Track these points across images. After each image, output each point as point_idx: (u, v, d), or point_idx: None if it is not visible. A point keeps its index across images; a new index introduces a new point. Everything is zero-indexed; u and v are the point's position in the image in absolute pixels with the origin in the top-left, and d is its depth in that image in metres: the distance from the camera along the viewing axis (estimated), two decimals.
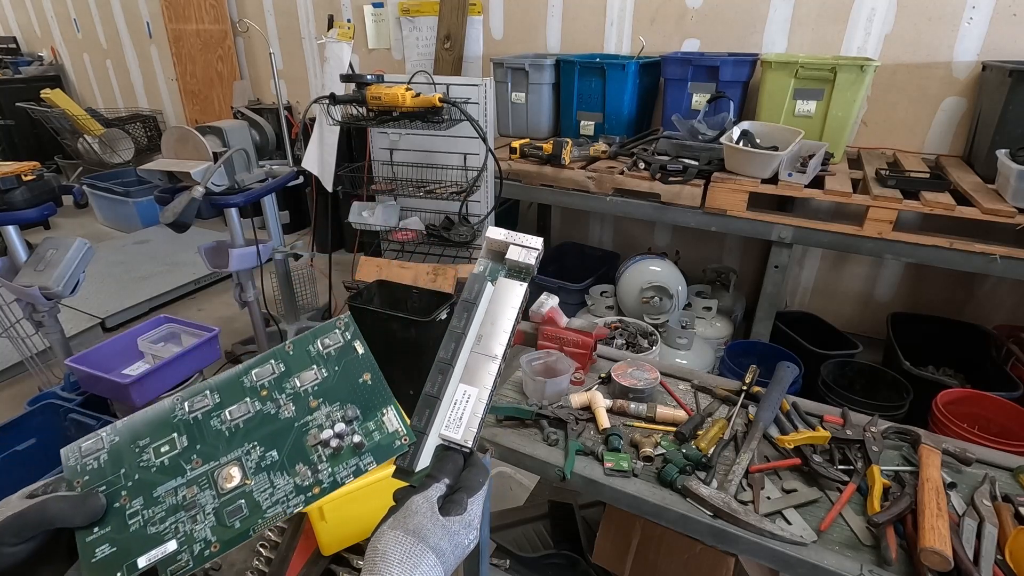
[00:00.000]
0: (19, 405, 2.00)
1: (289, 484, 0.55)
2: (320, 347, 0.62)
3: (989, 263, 1.91)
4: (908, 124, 2.61)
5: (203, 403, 0.58)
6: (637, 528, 1.12)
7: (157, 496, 0.53)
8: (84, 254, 2.11)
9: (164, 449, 0.56)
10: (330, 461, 0.57)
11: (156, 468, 0.55)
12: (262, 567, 0.97)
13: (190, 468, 0.55)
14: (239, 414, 0.58)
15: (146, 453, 0.56)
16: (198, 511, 0.53)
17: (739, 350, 2.43)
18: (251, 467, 0.55)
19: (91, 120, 4.76)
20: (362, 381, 0.61)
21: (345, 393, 0.60)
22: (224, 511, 0.53)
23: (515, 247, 0.65)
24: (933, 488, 0.85)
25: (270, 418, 0.58)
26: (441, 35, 3.47)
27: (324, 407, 0.59)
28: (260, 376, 0.60)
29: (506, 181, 2.62)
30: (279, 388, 0.59)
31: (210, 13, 4.42)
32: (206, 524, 0.53)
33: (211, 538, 0.52)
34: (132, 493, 0.54)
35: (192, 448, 0.56)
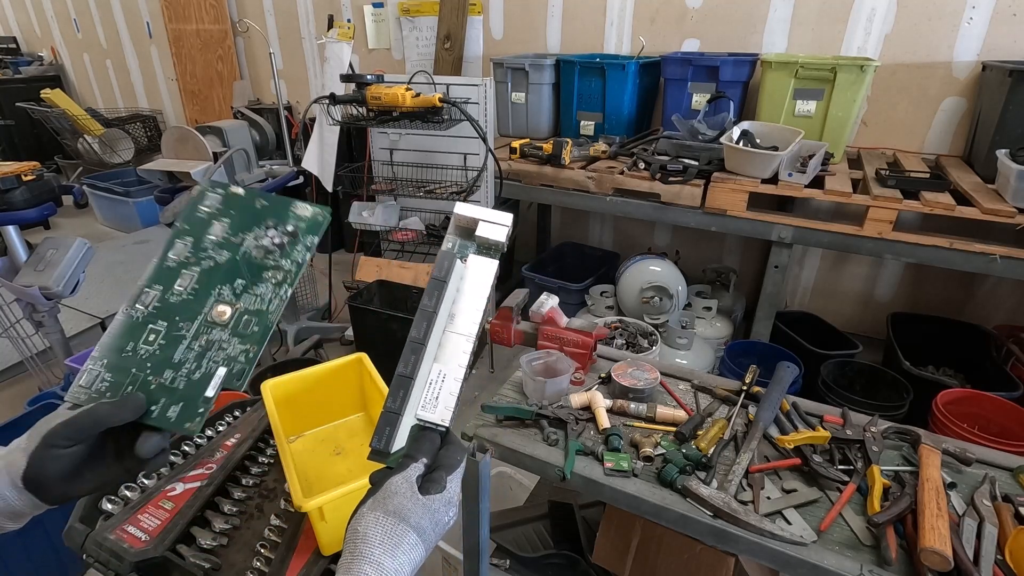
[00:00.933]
0: (19, 405, 2.00)
1: (268, 287, 0.64)
2: (206, 208, 0.67)
3: (989, 263, 1.91)
4: (908, 124, 2.61)
5: (151, 296, 0.63)
6: (637, 528, 1.12)
7: (179, 360, 0.61)
8: (84, 254, 2.11)
9: (151, 338, 0.62)
10: (283, 256, 0.65)
11: (158, 349, 0.61)
12: (262, 567, 0.97)
13: (185, 331, 0.62)
14: (187, 282, 0.64)
15: (140, 349, 0.62)
16: (218, 343, 0.62)
17: (739, 350, 2.43)
18: (232, 298, 0.63)
19: (91, 120, 4.76)
20: (260, 206, 0.67)
21: (255, 218, 0.66)
22: (239, 329, 0.62)
23: (484, 223, 0.66)
24: (933, 488, 0.85)
25: (214, 268, 0.65)
26: (441, 35, 3.47)
27: (247, 235, 0.66)
28: (178, 253, 0.65)
29: (506, 181, 2.62)
30: (201, 249, 0.65)
31: (210, 13, 4.42)
32: (233, 344, 0.62)
33: (244, 347, 0.62)
34: (157, 372, 0.61)
35: (173, 323, 0.62)
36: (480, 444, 1.03)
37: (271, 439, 1.24)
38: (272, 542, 1.02)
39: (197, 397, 0.60)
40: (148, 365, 0.61)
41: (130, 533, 1.00)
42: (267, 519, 1.06)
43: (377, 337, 2.48)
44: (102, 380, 0.60)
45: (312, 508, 0.93)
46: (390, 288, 2.66)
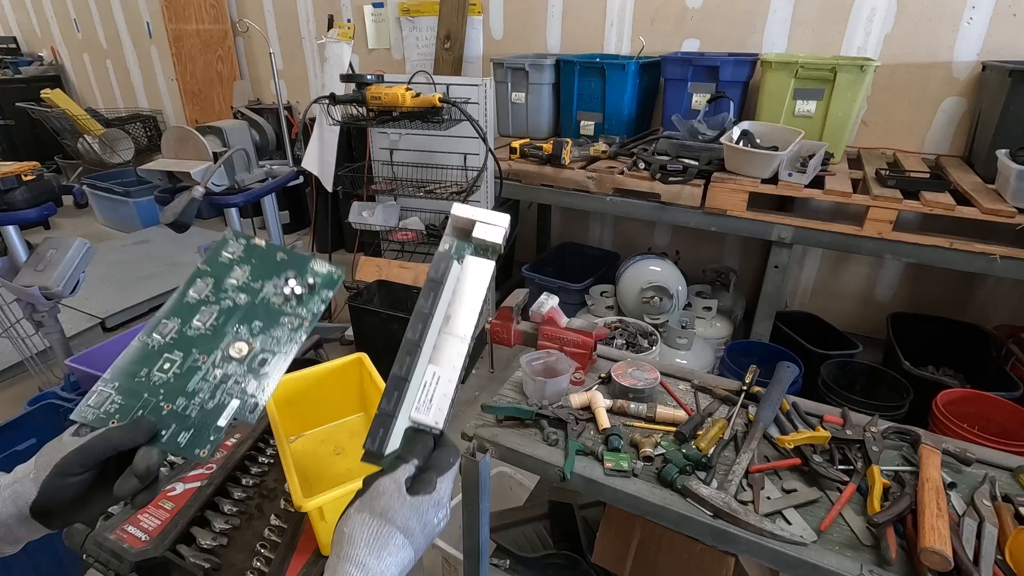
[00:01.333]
0: (19, 405, 2.00)
1: (285, 331, 0.66)
2: (229, 254, 0.70)
3: (989, 263, 1.91)
4: (908, 124, 2.61)
5: (168, 328, 0.64)
6: (637, 528, 1.12)
7: (192, 390, 0.62)
8: (84, 254, 2.11)
9: (167, 367, 0.63)
10: (300, 306, 0.68)
11: (172, 378, 0.62)
12: (262, 567, 0.97)
13: (201, 363, 0.63)
14: (206, 319, 0.65)
15: (153, 376, 0.62)
16: (235, 377, 0.63)
17: (739, 350, 2.43)
18: (249, 336, 0.65)
19: (91, 120, 4.76)
20: (280, 259, 0.70)
21: (275, 269, 0.69)
22: (255, 366, 0.63)
23: (481, 224, 0.66)
24: (933, 488, 0.85)
25: (234, 308, 0.67)
26: (441, 35, 3.47)
27: (266, 283, 0.69)
28: (199, 292, 0.67)
29: (506, 181, 2.62)
30: (220, 290, 0.68)
31: (210, 13, 4.42)
32: (249, 379, 0.63)
33: (259, 383, 0.63)
34: (169, 398, 0.61)
35: (189, 354, 0.64)
36: (480, 444, 1.03)
37: (271, 439, 1.24)
38: (272, 542, 1.02)
39: (209, 425, 0.60)
40: (161, 392, 0.61)
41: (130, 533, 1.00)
42: (267, 519, 1.06)
43: (377, 337, 2.48)
44: (112, 402, 0.61)
45: (312, 508, 0.93)
46: (390, 288, 2.66)
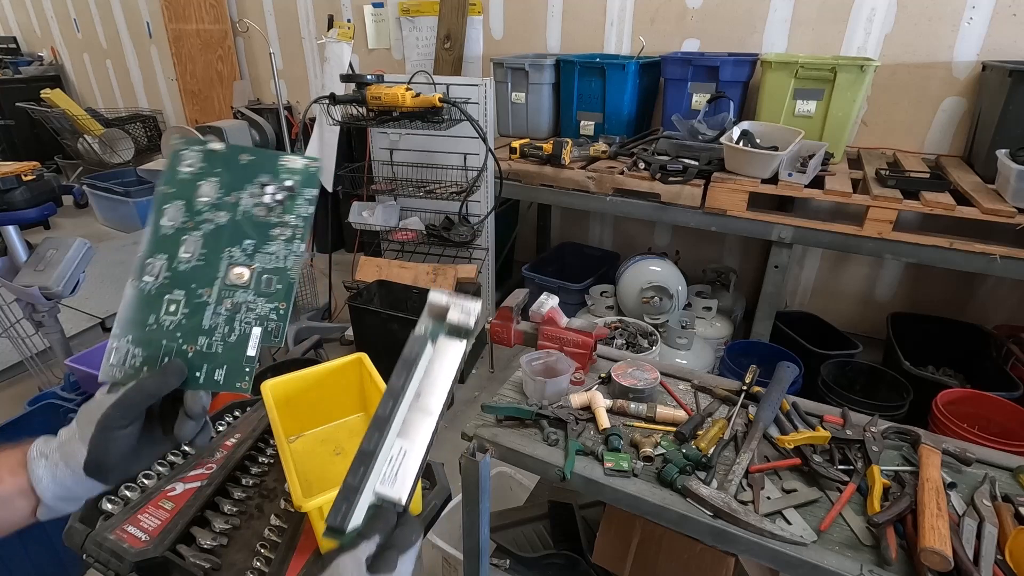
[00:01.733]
0: (19, 405, 2.00)
1: (279, 243, 0.64)
2: (188, 168, 0.65)
3: (989, 263, 1.91)
4: (908, 124, 2.61)
5: (156, 266, 0.62)
6: (637, 528, 1.12)
7: (209, 326, 0.61)
8: (84, 254, 2.11)
9: (172, 308, 0.61)
10: (286, 211, 0.64)
11: (183, 318, 0.61)
12: (262, 567, 0.97)
13: (207, 297, 0.62)
14: (192, 248, 0.63)
15: (164, 320, 0.61)
16: (245, 304, 0.61)
17: (739, 350, 2.43)
18: (245, 259, 0.63)
19: (91, 120, 4.76)
20: (246, 161, 0.65)
21: (245, 176, 0.65)
22: (262, 288, 0.62)
23: (455, 309, 0.67)
24: (933, 488, 0.85)
25: (217, 230, 0.63)
26: (441, 35, 3.47)
27: (242, 194, 0.64)
28: (171, 218, 0.63)
29: (506, 181, 2.62)
30: (195, 213, 0.64)
31: (210, 13, 4.42)
32: (260, 303, 0.62)
33: (272, 305, 0.62)
34: (190, 339, 0.60)
35: (190, 290, 0.62)
36: (480, 444, 1.03)
37: (271, 439, 1.24)
38: (272, 542, 1.02)
39: (240, 358, 0.60)
40: (178, 335, 0.60)
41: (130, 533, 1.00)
42: (267, 519, 1.06)
43: (377, 337, 2.48)
44: (132, 356, 0.60)
45: (312, 508, 0.93)
46: (390, 288, 2.66)
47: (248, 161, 0.65)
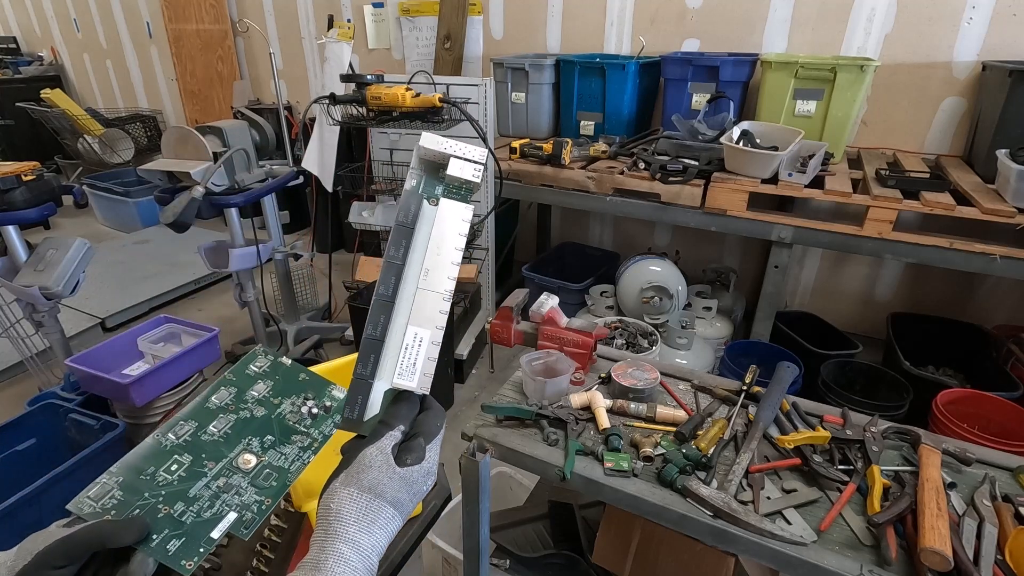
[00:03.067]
0: (19, 405, 2.00)
1: (294, 449, 0.67)
2: (255, 368, 0.73)
3: (989, 263, 1.91)
4: (908, 124, 2.61)
5: (184, 429, 0.65)
6: (637, 528, 1.12)
7: (193, 496, 0.60)
8: (84, 254, 2.11)
9: (173, 468, 0.62)
10: (314, 426, 0.69)
11: (177, 480, 0.61)
12: (262, 567, 0.97)
13: (207, 470, 0.63)
14: (222, 426, 0.66)
15: (159, 476, 0.61)
16: (236, 489, 0.62)
17: (739, 350, 2.43)
18: (259, 450, 0.65)
19: (91, 120, 4.76)
20: (301, 379, 0.73)
21: (295, 388, 0.72)
22: (258, 480, 0.63)
23: (456, 160, 0.57)
24: (933, 488, 0.85)
25: (249, 420, 0.68)
26: (441, 35, 3.47)
27: (285, 401, 0.70)
28: (220, 399, 0.69)
29: (506, 181, 2.62)
30: (241, 401, 0.69)
31: (210, 13, 4.42)
32: (250, 492, 0.62)
33: (259, 498, 0.62)
34: (169, 502, 0.59)
35: (199, 459, 0.63)
36: (480, 444, 1.03)
37: None
38: (272, 542, 1.02)
39: (201, 536, 0.58)
40: (162, 494, 0.60)
41: None
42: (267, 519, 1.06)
43: None
44: (112, 497, 0.58)
45: (312, 508, 0.93)
46: None
47: (303, 380, 0.73)
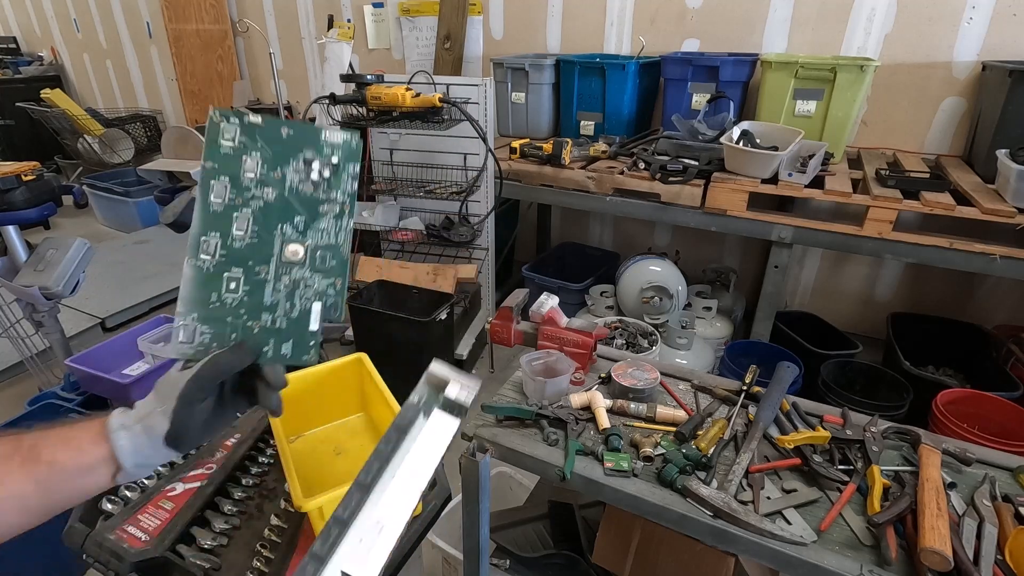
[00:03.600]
0: (19, 405, 2.00)
1: (330, 221, 0.64)
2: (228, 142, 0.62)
3: (989, 263, 1.91)
4: (908, 124, 2.61)
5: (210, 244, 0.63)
6: (637, 528, 1.12)
7: (271, 303, 0.62)
8: (84, 254, 2.11)
9: (232, 286, 0.63)
10: (332, 188, 0.64)
11: (245, 295, 0.62)
12: (262, 567, 0.97)
13: (264, 275, 0.63)
14: (243, 226, 0.63)
15: (226, 298, 0.62)
16: (303, 281, 0.63)
17: (739, 350, 2.43)
18: (298, 236, 0.63)
19: (91, 120, 4.76)
20: (286, 135, 0.64)
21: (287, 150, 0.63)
22: (317, 265, 0.63)
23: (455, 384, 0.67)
24: (933, 488, 0.85)
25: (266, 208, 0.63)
26: (441, 35, 3.47)
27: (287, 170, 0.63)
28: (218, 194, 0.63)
29: (506, 181, 2.62)
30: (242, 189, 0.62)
31: (210, 13, 4.42)
32: (317, 279, 0.63)
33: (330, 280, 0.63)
34: (254, 316, 0.62)
35: (249, 268, 0.63)
36: (480, 444, 1.03)
37: (271, 439, 1.24)
38: (272, 542, 1.02)
39: (304, 332, 0.62)
40: (242, 311, 0.62)
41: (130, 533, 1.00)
42: (267, 519, 1.06)
43: (377, 337, 2.48)
44: (201, 333, 0.62)
45: (312, 508, 0.93)
46: (390, 288, 2.65)
47: (288, 136, 0.64)
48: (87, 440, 0.60)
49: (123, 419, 0.60)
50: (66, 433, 0.61)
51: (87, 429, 0.61)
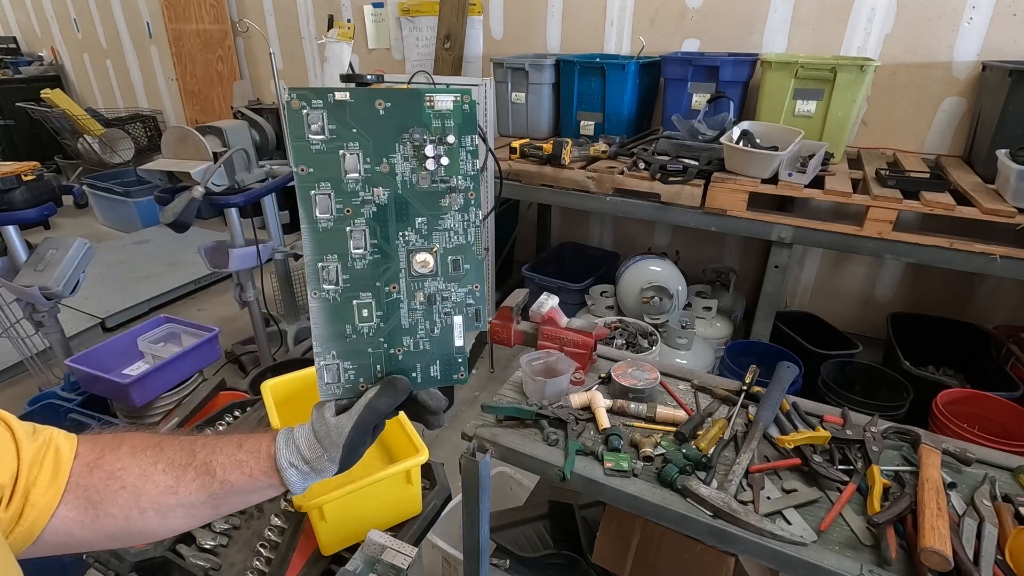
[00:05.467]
0: (19, 405, 2.00)
1: (454, 216, 0.57)
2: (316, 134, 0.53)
3: (989, 263, 1.91)
4: (908, 124, 2.61)
5: (331, 271, 0.57)
6: (637, 528, 1.11)
7: (409, 325, 0.58)
8: (84, 254, 2.11)
9: (364, 314, 0.58)
10: (450, 172, 0.56)
11: (379, 319, 0.58)
12: (262, 567, 0.97)
13: (396, 295, 0.58)
14: (359, 240, 0.56)
15: (360, 328, 0.58)
16: (438, 294, 0.58)
17: (739, 350, 2.43)
18: (422, 242, 0.57)
19: (91, 120, 4.76)
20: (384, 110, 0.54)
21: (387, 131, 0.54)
22: (449, 273, 0.58)
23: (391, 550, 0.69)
24: (933, 488, 0.85)
25: (380, 212, 0.56)
26: (441, 35, 3.47)
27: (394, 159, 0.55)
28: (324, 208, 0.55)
29: (506, 181, 2.62)
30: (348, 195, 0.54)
31: (210, 13, 4.42)
32: (454, 289, 0.58)
33: (467, 288, 0.58)
34: (395, 343, 0.59)
35: (378, 290, 0.58)
36: (480, 444, 1.03)
37: None
38: (272, 542, 1.02)
39: (450, 350, 0.59)
40: (381, 340, 0.58)
41: None
42: (267, 519, 1.06)
43: None
44: (345, 371, 0.59)
45: (312, 508, 0.93)
46: None
47: (386, 111, 0.53)
48: (258, 470, 0.63)
49: (291, 457, 0.62)
50: (235, 455, 0.63)
51: (255, 457, 0.63)
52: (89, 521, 0.59)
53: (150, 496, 0.61)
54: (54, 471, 0.58)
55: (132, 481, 0.61)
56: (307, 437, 0.63)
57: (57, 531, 0.58)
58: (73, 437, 0.63)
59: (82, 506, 0.59)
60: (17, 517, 0.55)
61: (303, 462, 0.62)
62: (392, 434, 1.19)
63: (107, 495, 0.60)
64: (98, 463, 0.61)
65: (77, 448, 0.62)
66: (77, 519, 0.59)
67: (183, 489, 0.62)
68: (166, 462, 0.62)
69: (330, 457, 0.61)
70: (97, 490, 0.60)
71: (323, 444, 0.61)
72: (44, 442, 0.60)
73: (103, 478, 0.60)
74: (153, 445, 0.64)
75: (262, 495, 0.65)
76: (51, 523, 0.57)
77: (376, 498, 1.02)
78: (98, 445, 0.63)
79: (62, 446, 0.60)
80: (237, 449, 0.64)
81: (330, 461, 0.62)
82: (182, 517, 0.63)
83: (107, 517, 0.60)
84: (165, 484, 0.61)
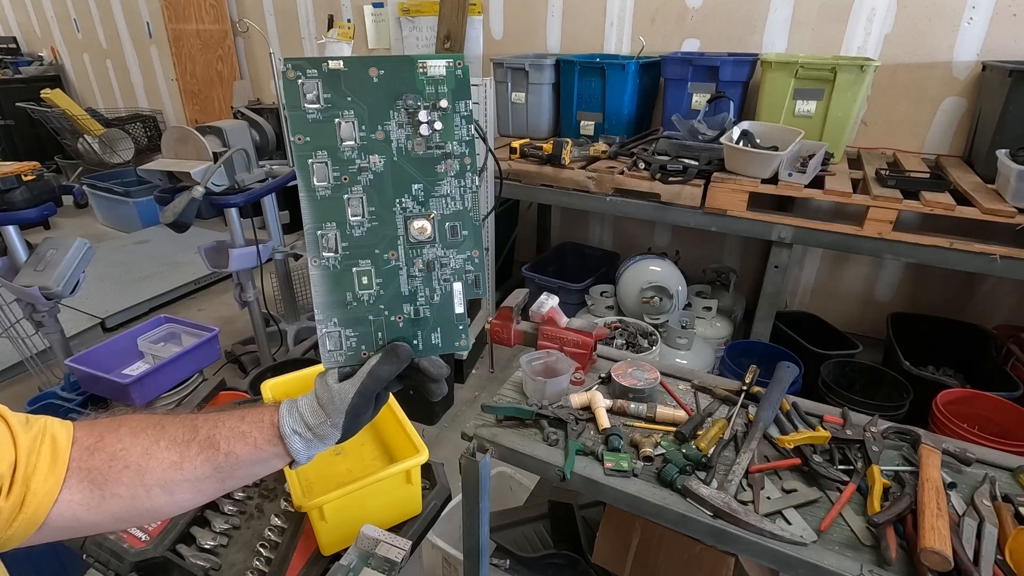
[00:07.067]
0: (19, 405, 1.99)
1: (450, 183, 0.58)
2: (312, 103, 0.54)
3: (989, 263, 1.91)
4: (908, 124, 2.61)
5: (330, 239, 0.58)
6: (637, 528, 1.11)
7: (409, 292, 0.59)
8: (84, 254, 2.11)
9: (365, 281, 0.59)
10: (445, 138, 0.57)
11: (379, 286, 0.59)
12: (262, 567, 0.97)
13: (395, 260, 0.59)
14: (358, 206, 0.57)
15: (361, 295, 0.59)
16: (437, 260, 0.58)
17: (739, 350, 2.43)
18: (420, 208, 0.58)
19: (91, 120, 4.76)
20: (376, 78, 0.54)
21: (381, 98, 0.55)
22: (447, 240, 0.58)
23: (385, 544, 0.71)
24: (933, 488, 0.85)
25: (377, 180, 0.56)
26: (441, 35, 3.47)
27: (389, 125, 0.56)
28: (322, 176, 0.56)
29: (506, 181, 2.62)
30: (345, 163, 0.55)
31: (210, 13, 4.42)
32: (452, 256, 0.58)
33: (466, 254, 0.58)
34: (394, 309, 0.59)
35: (377, 257, 0.59)
36: (480, 444, 1.03)
37: None
38: (272, 542, 1.02)
39: (450, 317, 0.59)
40: (381, 307, 0.59)
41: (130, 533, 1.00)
42: (267, 519, 1.06)
43: None
44: (347, 338, 0.59)
45: (312, 508, 0.93)
46: None
47: (380, 78, 0.54)
48: (262, 439, 0.63)
49: (294, 424, 0.63)
50: (238, 427, 0.64)
51: (258, 427, 0.64)
52: (95, 503, 0.59)
53: (155, 473, 0.61)
54: (52, 458, 0.58)
55: (135, 460, 0.61)
56: (310, 404, 0.63)
57: (63, 516, 0.58)
58: (68, 424, 0.63)
59: (87, 489, 0.59)
60: (19, 505, 0.55)
61: (306, 428, 0.63)
62: (392, 434, 1.19)
63: (111, 476, 0.60)
64: (98, 446, 0.61)
65: (74, 434, 0.62)
66: (83, 502, 0.59)
67: (188, 464, 0.62)
68: (168, 439, 0.63)
69: (333, 423, 0.62)
70: (100, 472, 0.60)
71: (326, 410, 0.62)
72: (39, 431, 0.60)
73: (105, 459, 0.60)
74: (153, 424, 0.64)
75: (267, 466, 0.65)
76: (56, 508, 0.57)
77: (376, 498, 1.02)
78: (96, 428, 0.63)
79: (58, 433, 0.60)
80: (240, 421, 0.64)
81: (333, 427, 0.62)
82: (188, 492, 0.63)
83: (113, 498, 0.60)
84: (169, 460, 0.62)
